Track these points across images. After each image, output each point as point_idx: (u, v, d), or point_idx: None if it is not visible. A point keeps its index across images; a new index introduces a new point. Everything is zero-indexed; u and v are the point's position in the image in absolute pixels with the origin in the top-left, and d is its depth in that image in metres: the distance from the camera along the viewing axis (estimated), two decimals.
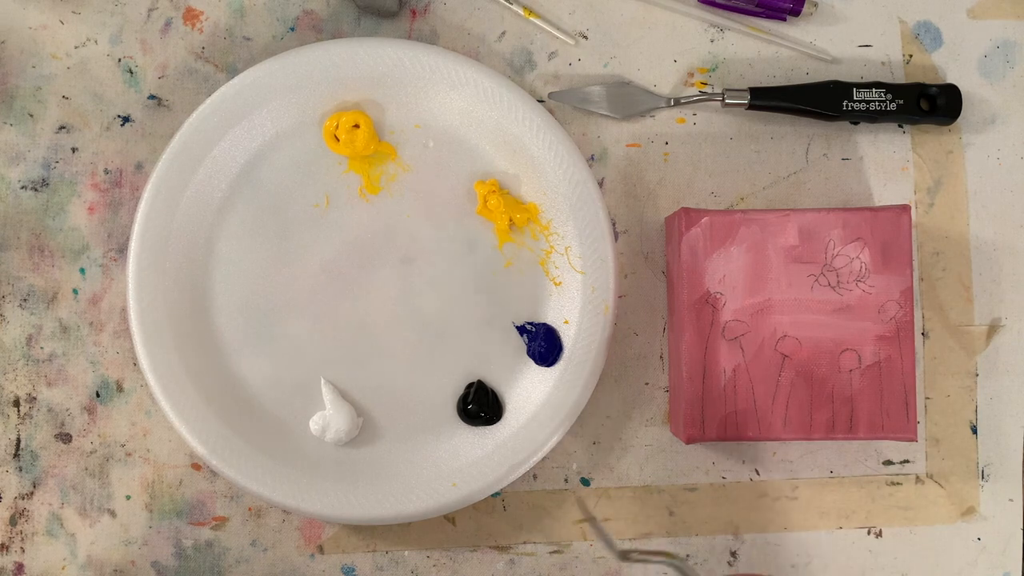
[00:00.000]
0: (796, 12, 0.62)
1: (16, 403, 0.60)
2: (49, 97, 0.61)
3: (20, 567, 0.59)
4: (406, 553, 0.60)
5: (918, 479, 0.61)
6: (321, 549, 0.60)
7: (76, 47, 0.61)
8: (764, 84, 0.62)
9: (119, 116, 0.61)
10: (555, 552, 0.61)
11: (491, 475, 0.58)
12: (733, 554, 0.61)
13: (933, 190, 0.62)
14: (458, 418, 0.60)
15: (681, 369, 0.57)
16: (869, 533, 0.61)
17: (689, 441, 0.57)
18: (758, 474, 0.61)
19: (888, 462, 0.61)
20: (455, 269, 0.60)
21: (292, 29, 0.62)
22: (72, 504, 0.60)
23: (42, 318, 0.60)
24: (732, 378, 0.56)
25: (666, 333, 0.61)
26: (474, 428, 0.59)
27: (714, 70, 0.63)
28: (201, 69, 0.61)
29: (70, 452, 0.60)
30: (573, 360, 0.59)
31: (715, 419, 0.56)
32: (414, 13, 0.62)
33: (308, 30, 0.62)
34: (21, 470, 0.60)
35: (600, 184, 0.62)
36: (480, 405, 0.59)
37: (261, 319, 0.60)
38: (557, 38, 0.62)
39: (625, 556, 0.51)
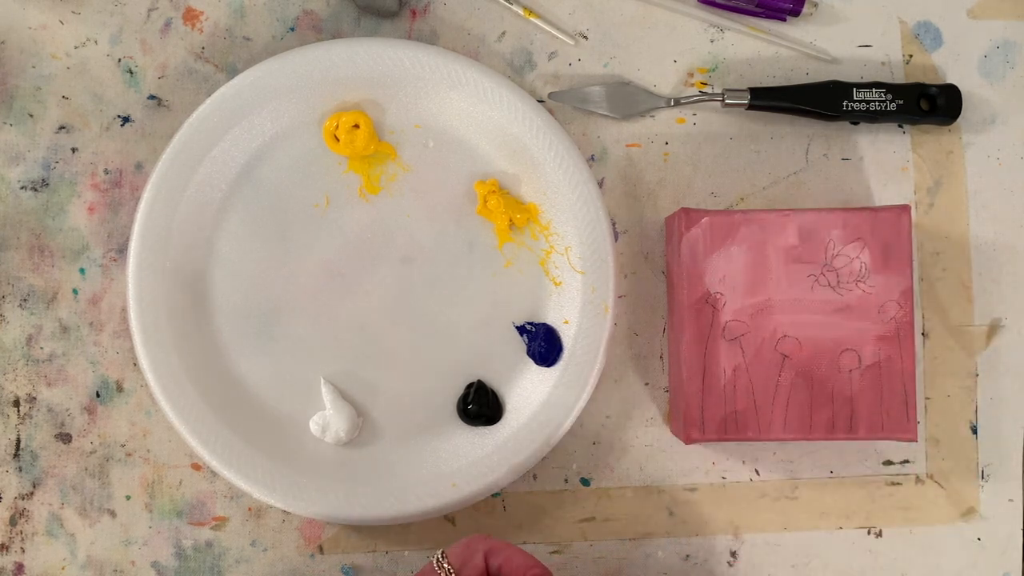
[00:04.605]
0: (796, 12, 0.62)
1: (16, 403, 0.60)
2: (49, 97, 0.61)
3: (20, 567, 0.59)
4: (406, 553, 0.60)
5: (918, 479, 0.61)
6: (321, 549, 0.60)
7: (76, 47, 0.61)
8: (764, 84, 0.62)
9: (119, 116, 0.61)
10: (555, 552, 0.61)
11: (491, 475, 0.58)
12: (733, 554, 0.61)
13: (933, 190, 0.62)
14: (458, 418, 0.60)
15: (681, 369, 0.57)
16: (869, 533, 0.61)
17: (689, 441, 0.57)
18: (758, 474, 0.61)
19: (888, 462, 0.61)
20: (455, 269, 0.60)
21: (292, 29, 0.62)
22: (72, 504, 0.60)
23: (42, 318, 0.60)
24: (732, 378, 0.56)
25: (666, 333, 0.61)
26: (474, 428, 0.59)
27: (714, 70, 0.63)
28: (201, 69, 0.61)
29: (70, 452, 0.60)
30: (573, 360, 0.59)
31: (715, 419, 0.56)
32: (414, 13, 0.62)
33: (308, 30, 0.62)
34: (21, 470, 0.60)
35: (600, 184, 0.62)
36: (480, 405, 0.59)
37: (261, 319, 0.60)
38: (557, 38, 0.62)
39: None
